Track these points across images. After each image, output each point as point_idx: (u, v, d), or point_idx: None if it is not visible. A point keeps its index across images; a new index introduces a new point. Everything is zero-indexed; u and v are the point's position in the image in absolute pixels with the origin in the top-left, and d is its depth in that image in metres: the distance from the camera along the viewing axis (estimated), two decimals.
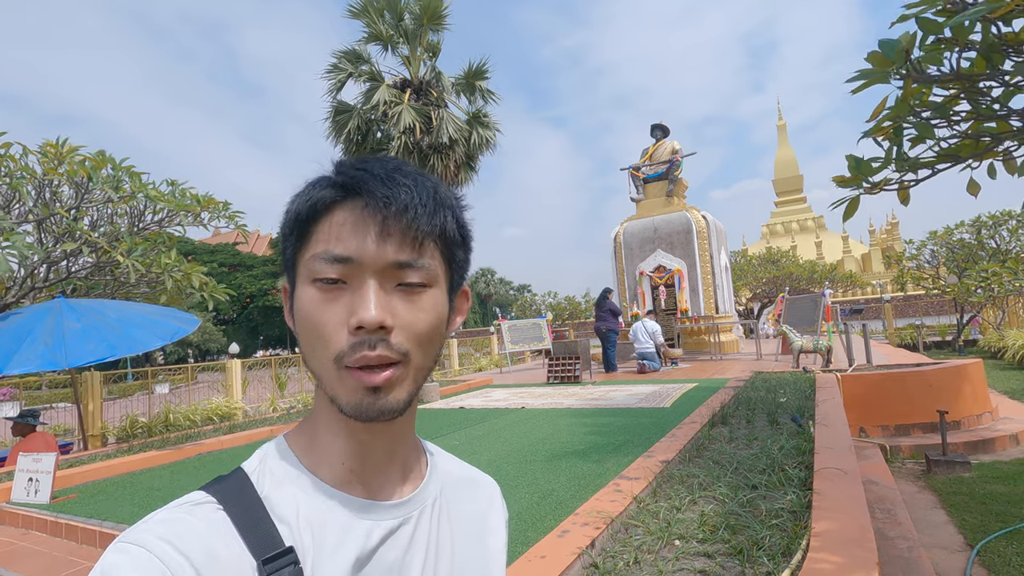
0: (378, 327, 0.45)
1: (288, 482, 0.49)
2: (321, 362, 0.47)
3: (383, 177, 0.47)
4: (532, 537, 2.48)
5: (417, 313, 0.48)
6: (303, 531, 0.47)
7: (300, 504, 0.48)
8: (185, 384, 11.31)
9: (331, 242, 0.46)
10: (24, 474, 4.12)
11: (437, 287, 0.50)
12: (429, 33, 10.71)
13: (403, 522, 0.52)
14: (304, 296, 0.48)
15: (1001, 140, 2.41)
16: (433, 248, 0.49)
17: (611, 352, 10.45)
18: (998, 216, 16.94)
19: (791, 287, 23.13)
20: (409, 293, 0.48)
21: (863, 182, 2.49)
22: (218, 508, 0.45)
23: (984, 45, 2.14)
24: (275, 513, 0.47)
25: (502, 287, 63.03)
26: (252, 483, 0.49)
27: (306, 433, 0.53)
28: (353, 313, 0.45)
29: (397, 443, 0.54)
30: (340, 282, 0.46)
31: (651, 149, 14.38)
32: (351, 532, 0.49)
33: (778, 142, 52.21)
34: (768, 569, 1.93)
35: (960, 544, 3.80)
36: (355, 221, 0.47)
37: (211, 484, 0.48)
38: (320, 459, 0.51)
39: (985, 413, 6.61)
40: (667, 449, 3.63)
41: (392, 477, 0.54)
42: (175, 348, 34.76)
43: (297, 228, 0.49)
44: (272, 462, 0.51)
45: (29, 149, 5.89)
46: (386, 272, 0.46)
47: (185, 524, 0.43)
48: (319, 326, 0.46)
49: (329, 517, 0.49)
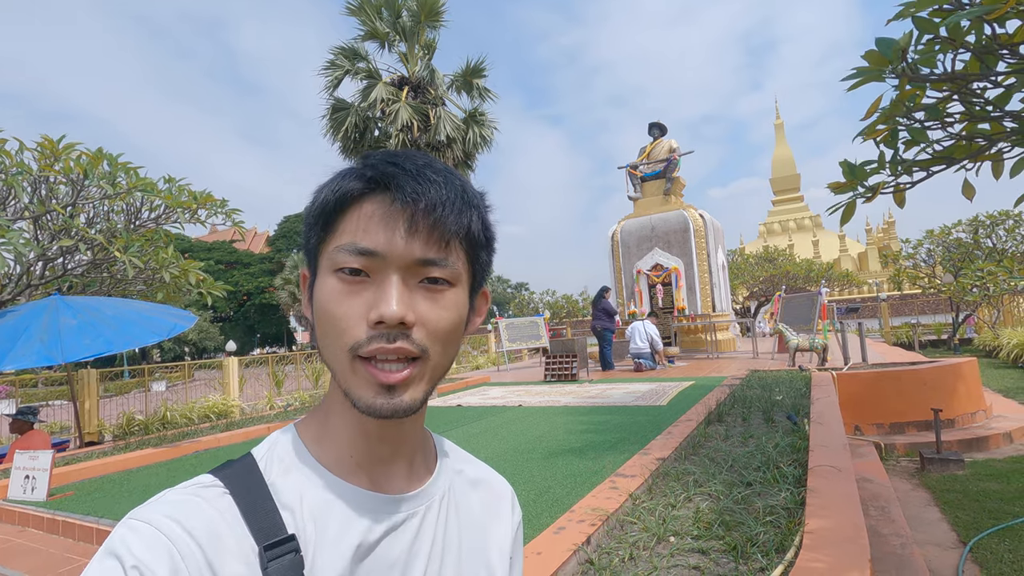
0: (399, 323, 0.45)
1: (295, 470, 0.50)
2: (335, 352, 0.47)
3: (413, 173, 0.47)
4: (528, 534, 2.49)
5: (439, 311, 0.47)
6: (306, 519, 0.47)
7: (305, 493, 0.48)
8: (182, 382, 11.29)
9: (358, 234, 0.46)
10: (20, 471, 4.12)
11: (459, 286, 0.50)
12: (427, 30, 10.69)
13: (408, 516, 0.52)
14: (325, 286, 0.47)
15: (995, 142, 2.43)
16: (458, 247, 0.49)
17: (607, 351, 10.48)
18: (995, 216, 17.01)
19: (788, 286, 23.20)
20: (432, 291, 0.47)
21: (858, 186, 2.51)
22: (224, 492, 0.46)
23: (978, 46, 2.15)
24: (280, 500, 0.47)
25: (500, 285, 63.07)
26: (259, 469, 0.49)
27: (316, 423, 0.53)
28: (374, 307, 0.45)
29: (407, 438, 0.54)
30: (363, 274, 0.46)
31: (648, 147, 14.39)
32: (354, 523, 0.49)
33: (775, 141, 52.37)
34: (762, 565, 1.95)
35: (953, 541, 3.83)
36: (383, 215, 0.46)
37: (219, 468, 0.49)
38: (328, 450, 0.51)
39: (979, 411, 6.65)
40: (663, 447, 3.65)
41: (399, 472, 0.54)
42: (172, 346, 34.66)
43: (323, 217, 0.48)
44: (281, 450, 0.51)
45: (25, 145, 5.87)
46: (410, 268, 0.46)
47: (192, 505, 0.44)
48: (338, 317, 0.46)
49: (333, 507, 0.49)
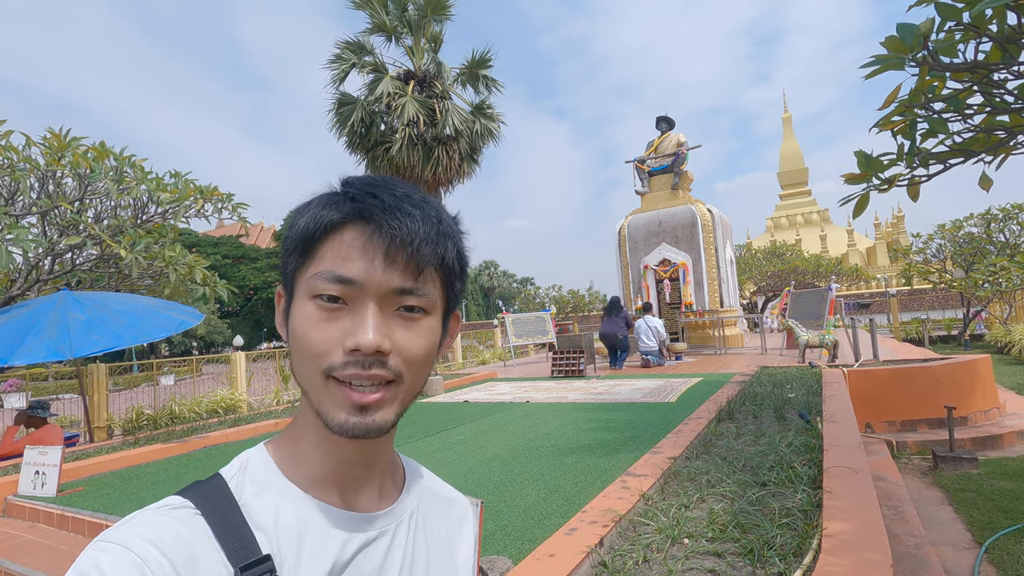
0: (375, 351, 0.46)
1: (267, 490, 0.50)
2: (310, 373, 0.48)
3: (392, 206, 0.48)
4: (539, 535, 2.46)
5: (414, 339, 0.49)
6: (281, 539, 0.48)
7: (278, 512, 0.49)
8: (190, 376, 11.35)
9: (336, 262, 0.47)
10: (31, 467, 4.13)
11: (434, 314, 0.51)
12: (433, 23, 10.61)
13: (380, 534, 0.53)
14: (303, 311, 0.48)
15: (1015, 134, 2.36)
16: (434, 276, 0.51)
17: (623, 358, 10.36)
18: (1008, 209, 16.78)
19: (796, 281, 23.02)
20: (407, 319, 0.49)
21: (873, 178, 2.44)
22: (196, 513, 0.46)
23: (1000, 35, 2.08)
24: (253, 521, 0.47)
25: (505, 280, 62.93)
26: (230, 489, 0.49)
27: (288, 443, 0.53)
28: (351, 334, 0.46)
29: (377, 458, 0.55)
30: (341, 301, 0.47)
31: (656, 142, 14.26)
32: (328, 542, 0.49)
33: (783, 134, 51.80)
34: (780, 570, 1.91)
35: (968, 541, 3.77)
36: (362, 245, 0.48)
37: (188, 489, 0.48)
38: (300, 469, 0.52)
39: (993, 409, 6.56)
40: (674, 445, 3.61)
41: (371, 490, 0.55)
42: (181, 340, 34.89)
43: (302, 245, 0.50)
44: (252, 470, 0.51)
45: (32, 140, 5.87)
46: (387, 297, 0.48)
47: (166, 527, 0.44)
48: (314, 343, 0.47)
49: (307, 526, 0.49)
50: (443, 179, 14.05)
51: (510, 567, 2.12)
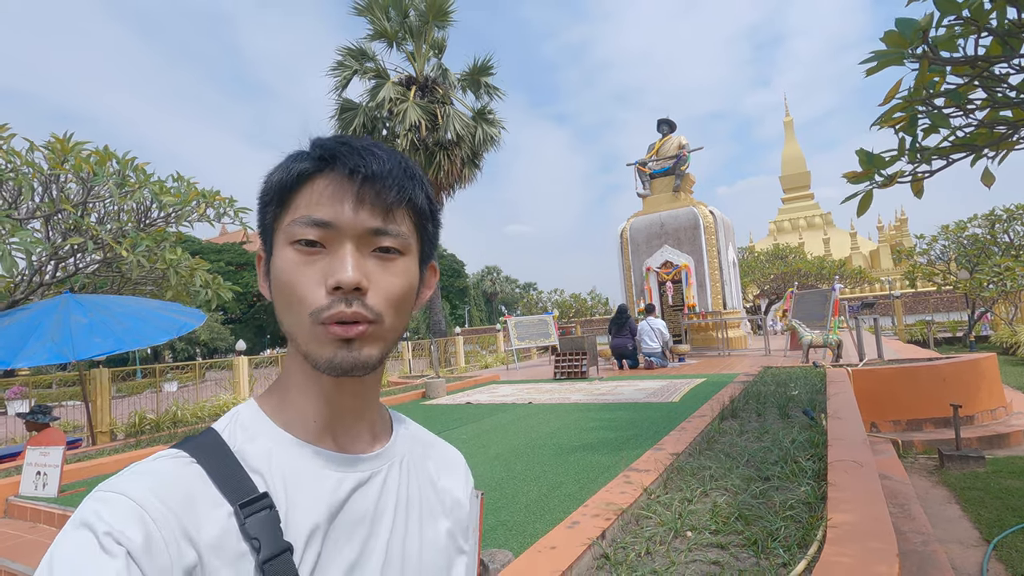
0: (354, 287, 0.47)
1: (261, 436, 0.51)
2: (297, 318, 0.49)
3: (359, 150, 0.51)
4: (540, 529, 2.45)
5: (391, 277, 0.51)
6: (276, 481, 0.49)
7: (272, 456, 0.50)
8: (193, 382, 11.35)
9: (311, 207, 0.49)
10: (32, 468, 4.13)
11: (409, 255, 0.53)
12: (435, 30, 10.68)
13: (373, 474, 0.55)
14: (283, 258, 0.50)
15: (1018, 129, 2.34)
16: (404, 217, 0.52)
17: (632, 364, 10.39)
18: (1013, 210, 16.71)
19: (799, 283, 22.95)
20: (383, 259, 0.51)
21: (875, 176, 2.43)
22: (192, 461, 0.47)
23: (1000, 29, 2.07)
24: (248, 465, 0.49)
25: (508, 285, 62.88)
26: (224, 439, 0.50)
27: (276, 395, 0.55)
28: (331, 274, 0.48)
29: (366, 403, 0.56)
30: (319, 245, 0.49)
31: (657, 144, 14.27)
32: (322, 482, 0.51)
33: (785, 138, 51.81)
34: (784, 560, 1.89)
35: (976, 539, 3.73)
36: (334, 189, 0.50)
37: (182, 442, 0.50)
38: (291, 418, 0.53)
39: (999, 408, 6.51)
40: (677, 442, 3.58)
41: (361, 435, 0.56)
42: (184, 346, 34.98)
43: (278, 196, 0.52)
44: (244, 419, 0.53)
45: (35, 145, 5.91)
46: (363, 238, 0.49)
47: (163, 475, 0.45)
48: (297, 285, 0.48)
49: (301, 467, 0.51)
50: (445, 184, 14.09)
51: (511, 559, 2.10)
